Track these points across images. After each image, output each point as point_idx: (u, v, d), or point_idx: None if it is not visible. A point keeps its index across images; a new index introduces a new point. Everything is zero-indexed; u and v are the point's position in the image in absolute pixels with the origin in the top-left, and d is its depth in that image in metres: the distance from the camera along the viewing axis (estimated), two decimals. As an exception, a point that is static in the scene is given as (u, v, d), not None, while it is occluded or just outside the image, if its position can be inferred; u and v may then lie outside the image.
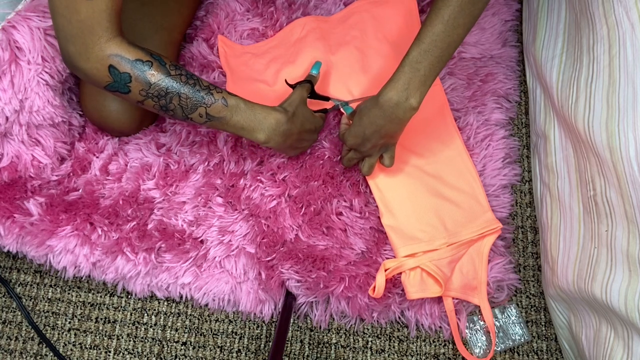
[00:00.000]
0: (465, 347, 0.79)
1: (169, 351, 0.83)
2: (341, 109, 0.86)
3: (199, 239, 0.83)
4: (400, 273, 0.79)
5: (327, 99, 0.83)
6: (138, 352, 0.83)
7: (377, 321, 0.81)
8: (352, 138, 0.74)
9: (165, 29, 0.84)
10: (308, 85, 0.78)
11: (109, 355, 0.83)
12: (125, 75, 0.61)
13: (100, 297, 0.86)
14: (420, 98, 0.65)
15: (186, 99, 0.64)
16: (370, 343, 0.81)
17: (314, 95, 0.81)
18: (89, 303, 0.85)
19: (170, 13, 0.85)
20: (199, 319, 0.84)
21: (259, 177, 0.85)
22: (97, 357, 0.83)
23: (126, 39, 0.62)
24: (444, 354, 0.80)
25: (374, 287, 0.77)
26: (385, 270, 0.77)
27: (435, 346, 0.80)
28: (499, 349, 0.79)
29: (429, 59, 0.63)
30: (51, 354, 0.83)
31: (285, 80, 0.81)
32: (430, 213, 0.81)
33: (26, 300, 0.86)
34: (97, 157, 0.87)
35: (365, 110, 0.71)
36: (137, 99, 0.64)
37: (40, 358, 0.84)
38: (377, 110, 0.68)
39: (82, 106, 0.84)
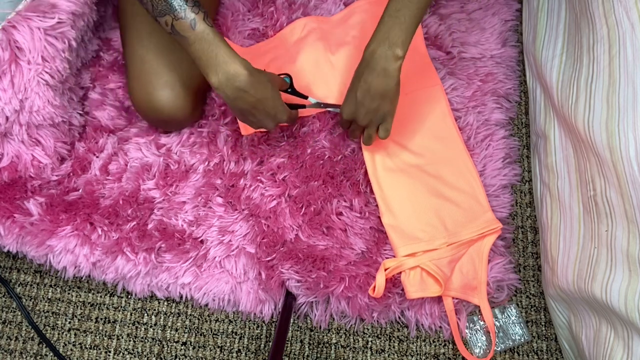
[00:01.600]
0: (465, 347, 0.79)
1: (169, 351, 0.83)
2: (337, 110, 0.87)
3: (199, 239, 0.83)
4: (400, 273, 0.79)
5: (305, 97, 0.85)
6: (138, 352, 0.83)
7: (377, 321, 0.81)
8: (346, 107, 0.74)
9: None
10: (283, 80, 0.78)
11: (109, 355, 0.83)
12: None
13: (100, 297, 0.86)
14: (403, 46, 0.65)
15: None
16: (370, 343, 0.81)
17: (293, 91, 0.82)
18: (89, 303, 0.85)
19: None
20: (199, 319, 0.84)
21: (259, 177, 0.85)
22: (97, 357, 0.83)
23: None
24: (444, 354, 0.80)
25: (374, 287, 0.77)
26: (385, 270, 0.78)
27: (435, 346, 0.80)
28: (499, 349, 0.79)
29: (407, 6, 0.64)
30: (51, 354, 0.83)
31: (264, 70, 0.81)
32: (430, 213, 0.81)
33: (26, 300, 0.86)
34: (97, 157, 0.87)
35: (355, 74, 0.71)
36: None
37: (40, 358, 0.84)
38: (364, 66, 0.68)
39: (130, 96, 0.80)
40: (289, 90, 0.82)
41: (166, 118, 0.80)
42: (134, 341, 0.83)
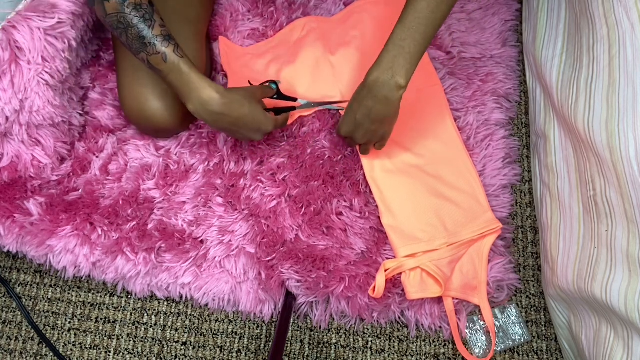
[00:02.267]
0: (465, 347, 0.79)
1: (169, 351, 0.82)
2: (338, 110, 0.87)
3: (199, 239, 0.83)
4: (400, 273, 0.79)
5: (294, 99, 0.85)
6: (138, 352, 0.83)
7: (377, 321, 0.81)
8: (345, 125, 0.75)
9: (191, 22, 0.84)
10: (268, 89, 0.79)
11: (109, 355, 0.83)
12: None
13: (100, 297, 0.86)
14: (406, 76, 0.65)
15: (132, 39, 0.65)
16: (370, 343, 0.81)
17: (280, 96, 0.83)
18: (89, 303, 0.85)
19: (193, 5, 0.85)
20: (199, 319, 0.84)
21: (259, 177, 0.85)
22: (97, 357, 0.83)
23: None
24: (444, 354, 0.80)
25: (374, 287, 0.77)
26: (385, 271, 0.77)
27: (435, 346, 0.80)
28: (499, 349, 0.79)
29: (413, 36, 0.64)
30: (51, 354, 0.83)
31: (249, 81, 0.82)
32: (430, 213, 0.81)
33: (26, 300, 0.86)
34: (97, 157, 0.87)
35: (355, 95, 0.71)
36: (101, 20, 0.67)
37: (40, 358, 0.84)
38: (365, 92, 0.68)
39: (123, 107, 0.82)
40: (276, 96, 0.82)
41: (156, 127, 0.82)
42: (134, 341, 0.83)
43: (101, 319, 0.85)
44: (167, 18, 0.80)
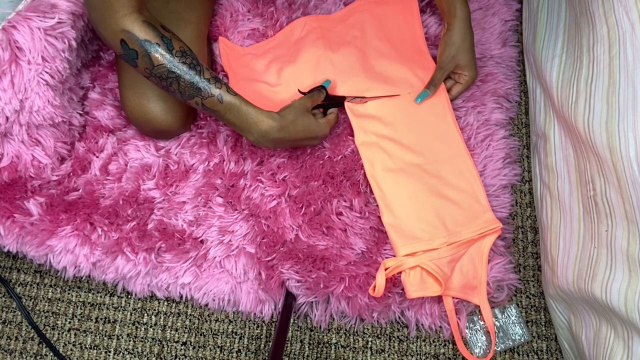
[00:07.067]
0: (465, 347, 0.79)
1: (169, 351, 0.83)
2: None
3: (199, 239, 0.83)
4: (400, 272, 0.79)
5: (343, 98, 0.85)
6: (138, 352, 0.83)
7: (377, 321, 0.81)
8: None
9: (192, 23, 0.84)
10: (318, 94, 0.80)
11: (109, 355, 0.83)
12: (133, 52, 0.65)
13: (100, 297, 0.86)
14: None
15: (185, 86, 0.67)
16: (370, 343, 0.81)
17: (328, 98, 0.83)
18: (89, 303, 0.85)
19: (194, 7, 0.85)
20: (199, 319, 0.84)
21: (259, 177, 0.85)
22: (97, 357, 0.83)
23: (144, 15, 0.65)
24: (444, 354, 0.80)
25: (374, 287, 0.77)
26: (385, 270, 0.77)
27: (435, 346, 0.80)
28: (499, 349, 0.79)
29: None
30: (51, 354, 0.83)
31: (299, 90, 0.83)
32: (430, 212, 0.81)
33: (26, 300, 0.86)
34: (97, 157, 0.87)
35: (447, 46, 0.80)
36: (144, 74, 0.67)
37: (40, 358, 0.84)
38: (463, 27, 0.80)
39: (124, 108, 0.82)
40: (324, 102, 0.82)
41: (158, 129, 0.82)
42: (134, 341, 0.83)
43: (101, 319, 0.85)
44: (168, 20, 0.80)
